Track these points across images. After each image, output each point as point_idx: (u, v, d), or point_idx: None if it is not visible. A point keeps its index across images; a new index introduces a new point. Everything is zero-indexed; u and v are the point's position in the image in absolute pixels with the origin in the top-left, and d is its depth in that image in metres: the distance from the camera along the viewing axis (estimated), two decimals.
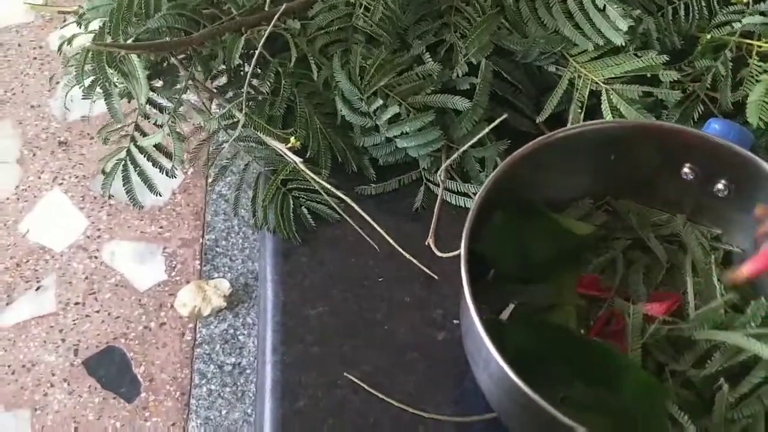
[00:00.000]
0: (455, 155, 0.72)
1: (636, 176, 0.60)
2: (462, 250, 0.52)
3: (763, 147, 0.68)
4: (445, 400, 0.66)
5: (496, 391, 0.53)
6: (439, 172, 0.74)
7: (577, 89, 0.72)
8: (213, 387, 1.16)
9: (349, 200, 0.72)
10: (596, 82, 0.70)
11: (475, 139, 0.72)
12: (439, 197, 0.74)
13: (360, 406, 0.66)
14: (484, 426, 0.64)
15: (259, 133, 0.73)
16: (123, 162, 0.76)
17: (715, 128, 0.60)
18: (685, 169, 0.57)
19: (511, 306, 0.59)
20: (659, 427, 0.52)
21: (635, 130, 0.58)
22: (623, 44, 0.70)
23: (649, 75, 0.69)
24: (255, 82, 0.76)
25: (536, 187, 0.60)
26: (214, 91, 0.76)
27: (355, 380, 0.66)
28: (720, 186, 0.56)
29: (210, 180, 0.76)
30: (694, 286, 0.57)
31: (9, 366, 1.20)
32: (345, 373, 0.67)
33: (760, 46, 0.70)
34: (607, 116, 0.69)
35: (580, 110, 0.71)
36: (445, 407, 0.65)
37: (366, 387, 0.66)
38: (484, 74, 0.72)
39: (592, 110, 0.72)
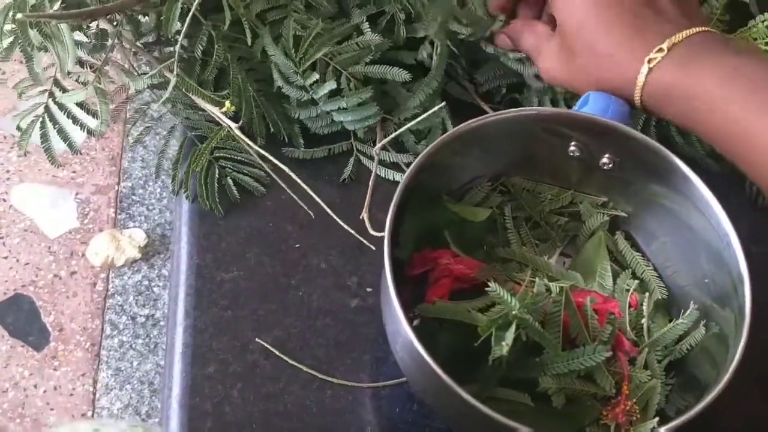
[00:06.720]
0: (397, 132, 0.72)
1: (528, 157, 0.64)
2: (386, 234, 0.53)
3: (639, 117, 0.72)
4: (356, 365, 0.67)
5: (415, 373, 0.55)
6: (375, 148, 0.73)
7: None
8: (125, 338, 1.15)
9: (284, 167, 0.70)
10: None
11: (424, 116, 0.71)
12: (373, 173, 0.74)
13: (271, 372, 0.67)
14: (392, 391, 0.66)
15: (191, 95, 0.71)
16: (41, 119, 0.73)
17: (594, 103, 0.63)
18: (572, 147, 0.61)
19: None
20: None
21: (528, 118, 0.61)
22: None
23: None
24: (185, 42, 0.74)
25: (446, 174, 0.63)
26: (142, 48, 0.74)
27: (267, 345, 0.67)
28: (605, 160, 0.61)
29: (132, 141, 0.74)
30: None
31: None
32: (257, 339, 0.68)
33: None
34: None
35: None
36: (355, 373, 0.67)
37: (277, 352, 0.67)
38: (442, 49, 0.72)
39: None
